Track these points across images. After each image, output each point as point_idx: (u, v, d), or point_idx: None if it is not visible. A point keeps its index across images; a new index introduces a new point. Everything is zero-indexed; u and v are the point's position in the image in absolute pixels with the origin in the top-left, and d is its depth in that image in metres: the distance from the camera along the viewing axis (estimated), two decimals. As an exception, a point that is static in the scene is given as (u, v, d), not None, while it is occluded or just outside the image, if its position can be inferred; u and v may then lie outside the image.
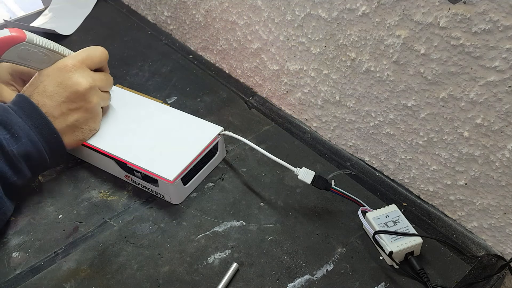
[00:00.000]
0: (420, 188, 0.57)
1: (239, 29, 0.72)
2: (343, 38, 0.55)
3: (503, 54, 0.41)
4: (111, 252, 0.52)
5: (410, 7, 0.46)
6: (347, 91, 0.59)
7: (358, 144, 0.63)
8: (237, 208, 0.57)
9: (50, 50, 0.56)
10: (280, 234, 0.54)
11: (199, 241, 0.53)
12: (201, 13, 0.79)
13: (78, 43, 0.90)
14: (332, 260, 0.51)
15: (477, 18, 0.41)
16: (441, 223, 0.55)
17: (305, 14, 0.58)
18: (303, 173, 0.55)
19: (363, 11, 0.50)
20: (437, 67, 0.46)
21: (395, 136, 0.56)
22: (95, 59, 0.59)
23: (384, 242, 0.49)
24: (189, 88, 0.77)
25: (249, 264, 0.51)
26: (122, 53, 0.86)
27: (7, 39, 0.51)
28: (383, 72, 0.52)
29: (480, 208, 0.51)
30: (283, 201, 0.58)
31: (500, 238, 0.51)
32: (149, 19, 0.98)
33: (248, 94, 0.76)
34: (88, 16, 0.99)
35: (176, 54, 0.86)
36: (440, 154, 0.52)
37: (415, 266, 0.48)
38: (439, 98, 0.48)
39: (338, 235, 0.53)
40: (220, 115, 0.71)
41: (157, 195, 0.58)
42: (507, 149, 0.45)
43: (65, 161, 0.63)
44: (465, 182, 0.51)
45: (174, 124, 0.63)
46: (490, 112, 0.44)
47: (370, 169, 0.62)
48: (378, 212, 0.52)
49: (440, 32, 0.44)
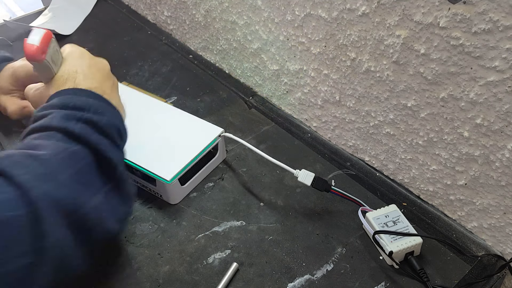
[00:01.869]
0: (420, 188, 0.57)
1: (239, 29, 0.72)
2: (343, 38, 0.55)
3: (503, 54, 0.41)
4: (111, 252, 0.52)
5: (410, 7, 0.46)
6: (347, 91, 0.59)
7: (358, 144, 0.63)
8: (237, 208, 0.57)
9: (59, 50, 0.54)
10: (280, 234, 0.54)
11: (199, 241, 0.53)
12: (201, 13, 0.79)
13: (78, 43, 0.89)
14: (332, 260, 0.51)
15: (477, 18, 0.41)
16: (441, 223, 0.55)
17: (305, 14, 0.58)
18: (302, 175, 0.55)
19: (363, 11, 0.50)
20: (437, 67, 0.46)
21: (395, 136, 0.56)
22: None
23: (384, 242, 0.49)
24: (189, 88, 0.77)
25: (249, 264, 0.51)
26: (122, 53, 0.86)
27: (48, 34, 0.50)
28: (383, 72, 0.52)
29: (480, 208, 0.51)
30: (283, 201, 0.58)
31: (500, 238, 0.51)
32: (149, 19, 0.98)
33: (248, 94, 0.76)
34: (88, 16, 0.99)
35: (176, 54, 0.86)
36: (440, 154, 0.52)
37: (415, 266, 0.48)
38: (439, 98, 0.48)
39: (338, 235, 0.53)
40: (220, 115, 0.71)
41: (155, 194, 0.58)
42: (507, 149, 0.45)
43: None
44: (465, 182, 0.51)
45: (175, 124, 0.63)
46: (490, 112, 0.44)
47: (370, 169, 0.62)
48: (378, 212, 0.52)
49: (440, 32, 0.44)
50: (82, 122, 0.44)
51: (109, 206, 0.44)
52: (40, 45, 0.48)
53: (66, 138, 0.43)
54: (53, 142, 0.42)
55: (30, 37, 0.49)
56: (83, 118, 0.44)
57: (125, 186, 0.46)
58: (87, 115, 0.45)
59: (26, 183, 0.37)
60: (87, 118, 0.45)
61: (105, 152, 0.44)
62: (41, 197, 0.37)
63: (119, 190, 0.45)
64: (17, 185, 0.36)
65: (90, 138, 0.43)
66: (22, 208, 0.36)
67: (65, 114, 0.44)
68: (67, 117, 0.44)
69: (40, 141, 0.42)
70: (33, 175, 0.38)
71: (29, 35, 0.49)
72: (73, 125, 0.43)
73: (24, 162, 0.39)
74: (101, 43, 0.89)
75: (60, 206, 0.38)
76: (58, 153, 0.41)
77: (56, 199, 0.38)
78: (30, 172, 0.38)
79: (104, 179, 0.44)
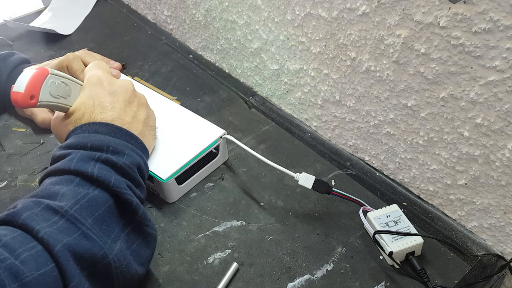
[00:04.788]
0: (420, 187, 0.57)
1: (239, 29, 0.72)
2: (343, 37, 0.55)
3: (503, 53, 0.40)
4: (111, 252, 0.52)
5: (410, 6, 0.45)
6: (347, 90, 0.59)
7: (358, 143, 0.63)
8: (237, 208, 0.57)
9: (68, 79, 0.51)
10: (280, 234, 0.54)
11: (199, 240, 0.53)
12: (201, 12, 0.79)
13: (78, 43, 0.90)
14: (332, 260, 0.51)
15: (477, 17, 0.41)
16: (441, 223, 0.55)
17: (305, 13, 0.58)
18: (303, 178, 0.55)
19: (363, 11, 0.50)
20: (437, 66, 0.46)
21: (395, 135, 0.56)
22: (100, 61, 0.58)
23: (384, 242, 0.49)
24: (189, 88, 0.77)
25: (249, 264, 0.51)
26: (122, 52, 0.86)
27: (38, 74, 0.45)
28: (383, 71, 0.52)
29: (480, 208, 0.51)
30: (283, 201, 0.58)
31: (500, 237, 0.51)
32: (149, 18, 0.98)
33: (248, 94, 0.76)
34: (88, 15, 0.99)
35: (176, 54, 0.86)
36: (440, 154, 0.52)
37: (415, 266, 0.48)
38: (439, 97, 0.48)
39: (338, 235, 0.53)
40: (220, 115, 0.71)
41: (154, 191, 0.58)
42: (507, 149, 0.45)
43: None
44: (465, 182, 0.51)
45: (179, 123, 0.63)
46: (490, 112, 0.44)
47: (370, 169, 0.62)
48: (379, 212, 0.52)
49: (440, 32, 0.44)
50: (100, 162, 0.43)
51: (131, 250, 0.43)
52: (26, 92, 0.44)
53: (85, 182, 0.42)
54: (72, 188, 0.41)
55: (16, 83, 0.44)
56: (102, 159, 0.43)
57: (146, 227, 0.45)
58: (105, 156, 0.44)
59: (49, 238, 0.36)
60: (105, 159, 0.44)
61: (125, 195, 0.43)
62: (63, 252, 0.36)
63: (140, 232, 0.44)
64: (40, 240, 0.36)
65: (109, 181, 0.42)
66: (48, 264, 0.35)
67: (82, 155, 0.43)
68: (85, 159, 0.43)
69: (59, 187, 0.41)
70: (55, 229, 0.37)
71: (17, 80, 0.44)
72: (91, 168, 0.42)
73: (44, 216, 0.38)
74: (101, 43, 0.89)
75: (83, 258, 0.38)
76: (77, 201, 0.40)
77: (79, 253, 0.37)
78: (51, 225, 0.37)
79: (124, 222, 0.43)
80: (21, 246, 0.35)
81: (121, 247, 0.41)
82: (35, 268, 0.34)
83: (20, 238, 0.36)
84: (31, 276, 0.34)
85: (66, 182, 0.42)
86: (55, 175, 0.43)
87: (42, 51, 0.88)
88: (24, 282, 0.33)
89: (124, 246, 0.42)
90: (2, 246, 0.35)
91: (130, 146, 0.48)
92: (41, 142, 0.67)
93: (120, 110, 0.50)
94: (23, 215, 0.37)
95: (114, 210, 0.42)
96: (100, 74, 0.53)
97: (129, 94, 0.53)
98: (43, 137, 0.68)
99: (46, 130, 0.69)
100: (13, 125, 0.70)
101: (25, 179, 0.61)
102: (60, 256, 0.36)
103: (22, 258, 0.34)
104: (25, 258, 0.34)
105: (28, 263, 0.34)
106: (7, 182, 0.61)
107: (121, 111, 0.50)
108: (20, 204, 0.39)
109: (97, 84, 0.52)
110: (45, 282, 0.35)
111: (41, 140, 0.68)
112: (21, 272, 0.34)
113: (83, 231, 0.39)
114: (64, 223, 0.38)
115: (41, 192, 0.41)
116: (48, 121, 0.66)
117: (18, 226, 0.37)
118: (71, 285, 0.36)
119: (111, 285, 0.40)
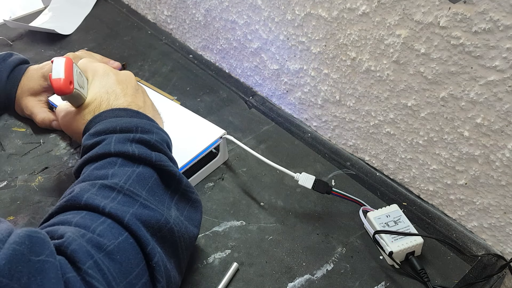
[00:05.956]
0: (420, 187, 0.57)
1: (239, 29, 0.72)
2: (343, 37, 0.55)
3: (503, 53, 0.40)
4: (111, 252, 0.52)
5: (410, 6, 0.45)
6: (347, 90, 0.59)
7: (358, 143, 0.63)
8: (237, 208, 0.57)
9: (82, 71, 0.52)
10: (280, 234, 0.54)
11: (199, 240, 0.53)
12: (201, 12, 0.79)
13: (78, 43, 0.90)
14: (332, 260, 0.51)
15: (477, 17, 0.41)
16: (441, 223, 0.55)
17: (305, 13, 0.58)
18: (303, 178, 0.55)
19: (363, 11, 0.50)
20: (437, 66, 0.46)
21: (395, 135, 0.56)
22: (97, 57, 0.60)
23: (384, 242, 0.49)
24: (189, 88, 0.77)
25: (249, 264, 0.51)
26: (122, 52, 0.86)
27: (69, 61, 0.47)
28: (383, 71, 0.52)
29: (480, 208, 0.51)
30: (283, 201, 0.58)
31: (500, 237, 0.51)
32: (149, 18, 0.98)
33: (248, 94, 0.76)
34: (88, 15, 0.99)
35: (176, 54, 0.86)
36: (440, 154, 0.52)
37: (415, 266, 0.48)
38: (439, 97, 0.48)
39: (338, 235, 0.53)
40: (220, 115, 0.71)
41: None
42: (507, 149, 0.45)
43: None
44: (465, 182, 0.51)
45: (178, 123, 0.63)
46: (490, 112, 0.44)
47: (370, 169, 0.62)
48: (379, 212, 0.52)
49: (440, 32, 0.44)
50: (135, 142, 0.45)
51: (184, 216, 0.45)
52: (65, 76, 0.46)
53: (127, 161, 0.43)
54: (117, 169, 0.42)
55: (53, 71, 0.46)
56: (136, 139, 0.45)
57: (192, 194, 0.46)
58: (138, 136, 0.45)
59: (116, 211, 0.38)
60: (139, 138, 0.45)
61: (168, 167, 0.44)
62: (133, 221, 0.38)
63: (187, 199, 0.46)
64: (108, 214, 0.38)
65: (150, 157, 0.44)
66: (122, 234, 0.37)
67: (118, 138, 0.44)
68: (122, 140, 0.44)
69: (105, 171, 0.42)
70: (116, 203, 0.39)
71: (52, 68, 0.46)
72: (130, 147, 0.43)
73: (103, 194, 0.39)
74: (101, 43, 0.89)
75: (150, 225, 0.39)
76: (128, 177, 0.41)
77: (146, 220, 0.39)
78: (112, 201, 0.39)
79: (171, 192, 0.45)
80: (92, 223, 0.37)
81: (176, 214, 0.43)
82: (113, 238, 0.36)
83: (88, 217, 0.37)
84: (112, 245, 0.36)
85: (109, 165, 0.43)
86: (95, 161, 0.44)
87: (42, 51, 0.88)
88: (108, 251, 0.35)
89: (178, 212, 0.44)
90: (75, 225, 0.37)
91: (155, 125, 0.49)
92: (41, 142, 0.67)
93: (132, 96, 0.52)
94: (84, 197, 0.38)
95: (160, 182, 0.44)
96: (102, 66, 0.54)
97: (134, 82, 0.55)
98: (43, 137, 0.68)
99: (46, 130, 0.69)
100: (13, 125, 0.70)
101: (25, 179, 0.61)
102: (132, 224, 0.38)
103: (98, 231, 0.36)
104: (100, 231, 0.36)
105: (106, 235, 0.36)
106: (7, 182, 0.61)
107: (133, 97, 0.52)
108: (78, 188, 0.40)
109: (105, 75, 0.53)
110: (125, 249, 0.36)
111: (41, 140, 0.68)
112: (102, 243, 0.36)
113: (141, 202, 0.40)
114: (123, 198, 0.40)
115: (88, 177, 0.42)
116: (48, 121, 0.67)
117: (82, 207, 0.38)
118: (148, 248, 0.38)
119: (176, 249, 0.42)
